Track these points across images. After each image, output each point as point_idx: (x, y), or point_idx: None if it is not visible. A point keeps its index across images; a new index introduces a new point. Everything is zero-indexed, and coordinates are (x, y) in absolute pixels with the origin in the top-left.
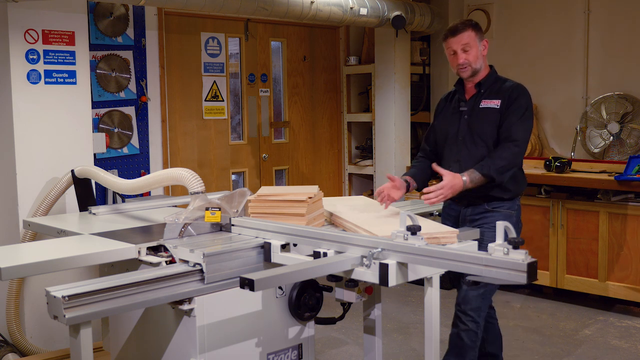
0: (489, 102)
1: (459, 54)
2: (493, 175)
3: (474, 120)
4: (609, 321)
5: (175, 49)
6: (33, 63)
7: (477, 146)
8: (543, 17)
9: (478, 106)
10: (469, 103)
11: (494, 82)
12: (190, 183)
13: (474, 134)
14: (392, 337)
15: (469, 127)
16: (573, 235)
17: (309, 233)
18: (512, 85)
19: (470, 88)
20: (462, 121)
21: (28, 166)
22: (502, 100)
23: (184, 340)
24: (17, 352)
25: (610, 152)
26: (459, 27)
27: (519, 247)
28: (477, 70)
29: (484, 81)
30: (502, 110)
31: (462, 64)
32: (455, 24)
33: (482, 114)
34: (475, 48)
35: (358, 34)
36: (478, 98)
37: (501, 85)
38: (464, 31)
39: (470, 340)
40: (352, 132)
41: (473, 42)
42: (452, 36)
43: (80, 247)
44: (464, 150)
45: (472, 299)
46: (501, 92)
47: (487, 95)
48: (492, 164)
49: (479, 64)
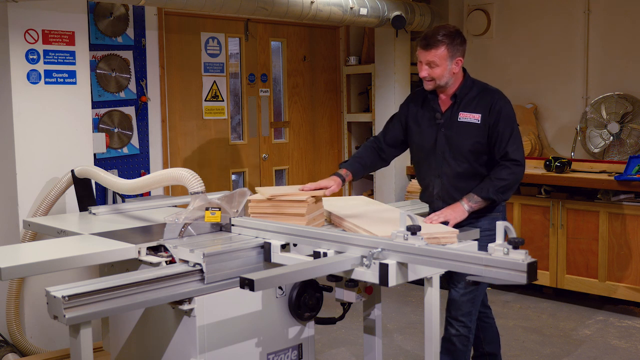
0: (467, 116)
1: (423, 66)
2: (493, 197)
3: (453, 135)
4: (609, 321)
5: (175, 49)
6: (33, 63)
7: (457, 162)
8: (543, 17)
9: (456, 119)
10: (445, 115)
11: (469, 90)
12: (190, 183)
13: (453, 149)
14: (392, 337)
15: (447, 142)
16: (573, 235)
17: (309, 233)
18: (491, 94)
19: (445, 99)
20: (439, 135)
21: (28, 166)
22: (483, 114)
23: (184, 340)
24: (17, 352)
25: (610, 152)
26: (431, 42)
27: (519, 247)
28: (441, 86)
29: (459, 92)
30: (486, 125)
31: (425, 77)
32: (431, 36)
33: (460, 129)
34: (442, 67)
35: (358, 34)
36: (455, 110)
37: (477, 93)
38: (436, 48)
39: (462, 345)
40: (352, 132)
41: (442, 60)
42: (423, 48)
43: (80, 247)
44: (444, 166)
45: (463, 304)
46: (480, 104)
47: (465, 107)
48: (491, 186)
49: (444, 80)
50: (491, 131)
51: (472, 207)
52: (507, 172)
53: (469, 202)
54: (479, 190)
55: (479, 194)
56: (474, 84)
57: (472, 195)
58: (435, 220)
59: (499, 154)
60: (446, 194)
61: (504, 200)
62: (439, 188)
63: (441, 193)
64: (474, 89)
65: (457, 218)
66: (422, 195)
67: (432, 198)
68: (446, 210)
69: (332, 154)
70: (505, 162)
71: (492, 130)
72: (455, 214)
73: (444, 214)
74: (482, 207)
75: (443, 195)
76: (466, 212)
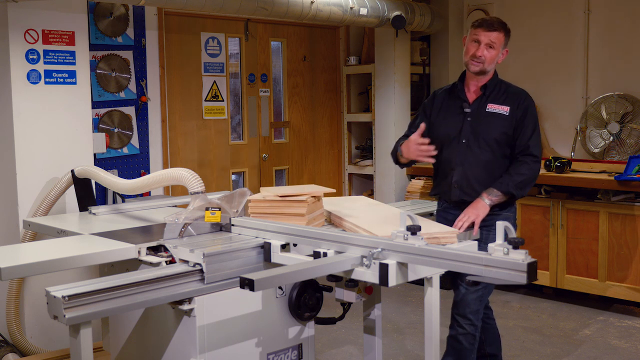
0: (496, 107)
1: (482, 46)
2: (513, 192)
3: (479, 124)
4: (609, 321)
5: (175, 49)
6: (33, 63)
7: (482, 150)
8: (543, 16)
9: (484, 110)
10: (473, 106)
11: (497, 85)
12: (190, 183)
13: (479, 138)
14: (392, 337)
15: (473, 131)
16: (573, 235)
17: (308, 233)
18: (519, 92)
19: (474, 90)
20: (465, 124)
21: (28, 166)
22: (511, 107)
23: (184, 340)
24: (17, 352)
25: (610, 152)
26: (496, 25)
27: (519, 247)
28: (486, 71)
29: (489, 84)
30: (513, 118)
31: (479, 57)
32: (494, 19)
33: (488, 119)
34: (497, 51)
35: (358, 34)
36: (483, 101)
37: (506, 89)
38: (499, 31)
39: (469, 344)
40: (352, 132)
41: (499, 44)
42: (486, 29)
43: (80, 247)
44: (468, 154)
45: (471, 302)
46: (508, 97)
47: (493, 100)
48: (510, 181)
49: (491, 66)
50: (517, 124)
51: (493, 201)
52: (526, 167)
53: (489, 197)
54: (498, 184)
55: (498, 188)
56: (502, 82)
57: (491, 190)
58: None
59: (520, 147)
60: (465, 182)
61: (522, 195)
62: (459, 176)
63: (460, 181)
64: (502, 85)
65: (481, 214)
66: (435, 188)
67: (449, 187)
68: (468, 211)
69: (332, 154)
70: (525, 157)
71: (518, 124)
72: (477, 211)
73: (467, 215)
74: (502, 201)
75: (462, 184)
76: (487, 206)
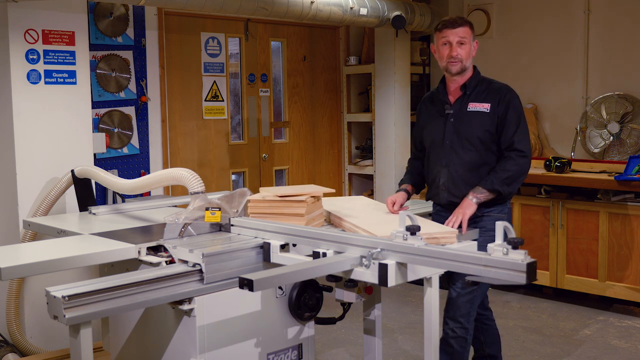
0: (477, 105)
1: (454, 46)
2: (498, 189)
3: (461, 124)
4: (609, 321)
5: (175, 49)
6: (33, 63)
7: (465, 151)
8: (543, 17)
9: (465, 109)
10: (455, 106)
11: (479, 83)
12: (190, 183)
13: (461, 138)
14: (392, 337)
15: (455, 132)
16: (573, 235)
17: (308, 233)
18: (500, 87)
19: (454, 90)
20: (447, 125)
21: (28, 166)
22: (492, 104)
23: (184, 340)
24: (17, 352)
25: (610, 152)
26: (458, 21)
27: (519, 247)
28: (465, 68)
29: (469, 83)
30: (495, 115)
31: (455, 56)
32: (453, 17)
33: (469, 118)
34: (469, 45)
35: (358, 34)
36: (464, 101)
37: (487, 86)
38: (463, 26)
39: (460, 347)
40: (352, 132)
41: (468, 38)
42: (451, 28)
43: (80, 247)
44: (452, 155)
45: (462, 305)
46: (490, 94)
47: (474, 98)
48: (495, 178)
49: (468, 62)
50: (500, 120)
51: (479, 199)
52: (512, 163)
53: (475, 195)
54: (484, 182)
55: (484, 185)
56: (484, 79)
57: (477, 188)
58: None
59: (505, 143)
60: (452, 184)
61: (511, 192)
62: (446, 178)
63: (447, 183)
64: (483, 83)
65: (468, 212)
66: (428, 192)
67: (437, 190)
68: (457, 211)
69: (332, 154)
70: (510, 152)
71: (501, 120)
72: (464, 209)
73: (455, 214)
74: (490, 199)
75: (449, 186)
76: (474, 204)
